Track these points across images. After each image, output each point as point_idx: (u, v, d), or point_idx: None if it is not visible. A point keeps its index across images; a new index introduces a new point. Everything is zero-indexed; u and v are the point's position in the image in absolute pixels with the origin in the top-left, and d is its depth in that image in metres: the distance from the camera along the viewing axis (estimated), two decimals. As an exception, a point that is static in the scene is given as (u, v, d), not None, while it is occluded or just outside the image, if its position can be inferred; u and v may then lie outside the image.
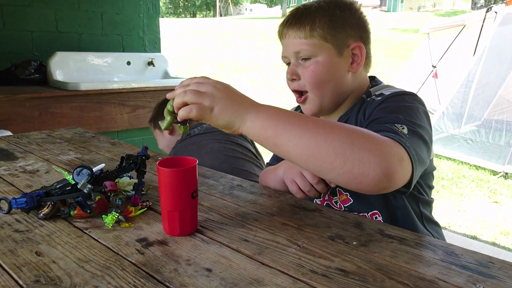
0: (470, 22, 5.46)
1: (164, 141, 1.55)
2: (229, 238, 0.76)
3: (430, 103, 5.74)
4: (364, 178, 0.66)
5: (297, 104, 1.06)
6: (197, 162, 0.77)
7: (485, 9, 5.02)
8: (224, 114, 0.70)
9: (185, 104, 0.73)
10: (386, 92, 0.88)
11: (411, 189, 0.74)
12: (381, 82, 0.99)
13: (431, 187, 0.99)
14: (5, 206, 0.85)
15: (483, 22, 4.92)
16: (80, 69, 3.23)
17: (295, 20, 0.91)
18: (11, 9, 2.88)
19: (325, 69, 0.91)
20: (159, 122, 0.75)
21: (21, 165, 1.19)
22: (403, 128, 0.73)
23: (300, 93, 0.95)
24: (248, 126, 0.71)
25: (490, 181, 3.99)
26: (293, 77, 0.93)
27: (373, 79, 1.01)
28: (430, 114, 0.92)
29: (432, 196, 1.01)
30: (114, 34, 3.58)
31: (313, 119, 0.73)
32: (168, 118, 0.73)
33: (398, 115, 0.77)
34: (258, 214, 0.87)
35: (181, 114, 0.72)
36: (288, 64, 0.95)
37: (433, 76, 5.98)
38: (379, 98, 0.87)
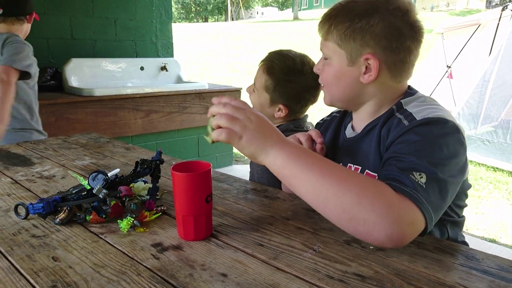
0: (485, 21, 5.37)
1: (258, 106, 1.38)
2: (244, 243, 0.75)
3: (445, 104, 5.63)
4: (368, 236, 0.67)
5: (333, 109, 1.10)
6: (211, 166, 0.77)
7: (501, 7, 4.93)
8: (250, 144, 0.72)
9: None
10: (417, 115, 0.81)
11: (427, 233, 0.72)
12: (415, 92, 0.93)
13: (462, 207, 0.93)
14: (22, 212, 0.86)
15: (499, 21, 4.83)
16: (94, 75, 3.27)
17: (322, 19, 0.92)
18: (27, 17, 2.93)
19: (333, 74, 0.92)
20: (204, 136, 0.78)
21: (38, 170, 1.21)
22: (421, 177, 0.70)
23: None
24: (270, 161, 0.72)
25: (509, 182, 3.91)
26: (317, 70, 0.97)
27: (408, 87, 0.96)
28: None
29: (463, 214, 0.96)
30: (127, 40, 3.62)
31: (331, 166, 0.71)
32: (211, 133, 0.76)
33: (420, 159, 0.72)
34: (272, 218, 0.86)
35: (213, 136, 0.74)
36: None
37: (447, 77, 5.89)
38: (407, 121, 0.81)
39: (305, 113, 1.44)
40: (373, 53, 0.86)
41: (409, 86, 0.95)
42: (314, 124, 1.18)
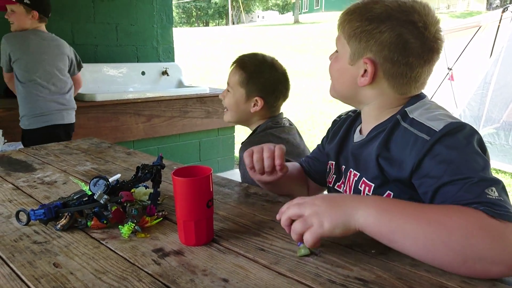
0: (485, 23, 5.37)
1: (238, 106, 1.39)
2: (245, 248, 0.75)
3: (446, 106, 5.62)
4: (487, 273, 0.64)
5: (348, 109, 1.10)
6: (212, 170, 0.77)
7: (501, 9, 4.93)
8: (335, 223, 0.69)
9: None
10: (431, 124, 0.78)
11: None
12: (422, 98, 0.90)
13: None
14: (23, 218, 0.86)
15: (500, 23, 4.83)
16: (96, 80, 3.28)
17: (344, 11, 0.92)
18: (29, 23, 2.95)
19: (336, 67, 0.94)
20: (298, 255, 0.73)
21: (39, 176, 1.21)
22: (493, 192, 0.68)
23: None
24: (361, 223, 0.69)
25: (511, 184, 3.89)
26: (329, 59, 0.97)
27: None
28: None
29: None
30: (128, 45, 3.63)
31: (426, 210, 0.69)
32: (302, 248, 0.73)
33: (476, 173, 0.71)
34: (274, 222, 0.86)
35: (301, 252, 0.72)
36: None
37: (449, 79, 5.89)
38: (425, 135, 0.78)
39: (280, 111, 1.46)
40: (373, 59, 0.85)
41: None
42: (332, 120, 1.16)
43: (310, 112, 7.52)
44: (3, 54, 2.29)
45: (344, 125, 1.05)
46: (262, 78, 1.38)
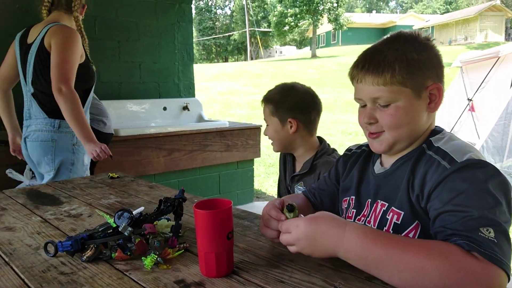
0: (504, 53, 5.36)
1: (278, 134, 1.49)
2: (265, 280, 0.76)
3: (468, 137, 5.57)
4: None
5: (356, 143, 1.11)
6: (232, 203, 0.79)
7: (520, 40, 4.93)
8: (319, 256, 0.79)
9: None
10: (455, 155, 0.80)
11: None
12: (441, 130, 0.93)
13: None
14: (51, 249, 0.89)
15: (518, 53, 4.82)
16: (119, 115, 3.40)
17: (372, 66, 0.89)
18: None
19: (405, 113, 0.89)
20: None
21: (66, 209, 1.25)
22: (489, 232, 0.69)
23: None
24: (343, 257, 0.77)
25: (540, 217, 3.75)
26: (370, 121, 0.92)
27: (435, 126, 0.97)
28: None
29: None
30: (151, 81, 3.77)
31: (406, 249, 0.72)
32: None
33: (480, 211, 0.72)
34: (293, 254, 0.86)
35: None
36: (363, 106, 0.94)
37: (469, 110, 5.84)
38: (446, 163, 0.80)
39: (318, 134, 1.54)
40: (435, 82, 0.90)
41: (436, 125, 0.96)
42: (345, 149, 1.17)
43: (330, 145, 7.50)
44: None
45: (359, 160, 1.06)
46: (287, 101, 1.48)
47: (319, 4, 28.59)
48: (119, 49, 3.55)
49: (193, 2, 4.17)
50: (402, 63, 0.87)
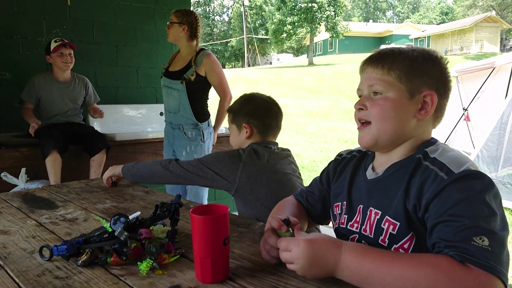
0: (500, 64, 5.41)
1: (236, 140, 1.59)
2: (261, 286, 0.76)
3: (463, 147, 5.60)
4: None
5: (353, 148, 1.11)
6: (229, 209, 0.80)
7: (515, 51, 4.99)
8: (318, 277, 0.78)
9: None
10: (452, 166, 0.81)
11: None
12: (436, 141, 0.95)
13: None
14: (47, 254, 0.89)
15: (514, 64, 4.87)
16: (116, 120, 3.40)
17: (376, 58, 0.94)
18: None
19: (392, 106, 0.91)
20: None
21: (61, 213, 1.25)
22: (482, 241, 0.70)
23: (363, 122, 0.97)
24: (340, 277, 0.77)
25: (534, 227, 3.78)
26: (360, 106, 0.96)
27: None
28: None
29: None
30: (148, 86, 3.77)
31: (396, 264, 0.73)
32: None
33: (474, 221, 0.73)
34: (289, 261, 0.87)
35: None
36: (361, 96, 0.98)
37: (464, 119, 5.88)
38: (444, 174, 0.81)
39: (275, 140, 1.58)
40: (431, 90, 0.90)
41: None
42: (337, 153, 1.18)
43: (326, 152, 7.52)
44: None
45: (350, 164, 1.06)
46: (243, 109, 1.56)
47: (317, 13, 28.77)
48: (116, 54, 3.55)
49: (191, 8, 4.19)
50: (405, 61, 0.90)
